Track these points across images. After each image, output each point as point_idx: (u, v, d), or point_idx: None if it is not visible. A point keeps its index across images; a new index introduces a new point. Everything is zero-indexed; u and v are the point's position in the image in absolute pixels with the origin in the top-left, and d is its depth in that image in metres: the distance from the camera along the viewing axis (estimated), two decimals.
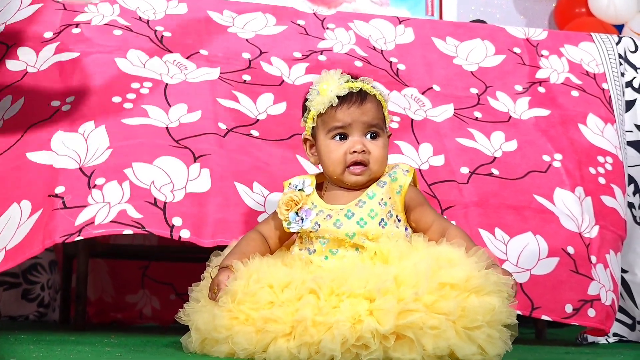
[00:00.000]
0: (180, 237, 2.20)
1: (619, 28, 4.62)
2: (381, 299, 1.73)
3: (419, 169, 2.49)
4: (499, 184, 2.55)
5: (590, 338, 2.57)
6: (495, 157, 2.61)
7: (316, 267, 1.90)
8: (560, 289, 2.41)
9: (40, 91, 2.41)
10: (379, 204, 1.95)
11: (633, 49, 2.93)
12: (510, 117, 2.72)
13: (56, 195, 2.20)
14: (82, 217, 2.16)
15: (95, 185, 2.22)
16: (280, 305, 1.77)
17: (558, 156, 2.65)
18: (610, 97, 2.82)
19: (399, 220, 1.97)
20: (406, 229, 1.98)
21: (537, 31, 2.96)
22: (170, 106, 2.43)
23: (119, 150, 2.29)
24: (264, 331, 1.76)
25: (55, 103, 2.38)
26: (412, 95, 2.70)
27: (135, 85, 2.45)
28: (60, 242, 2.14)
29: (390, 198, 1.96)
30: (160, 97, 2.45)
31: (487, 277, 1.81)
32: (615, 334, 2.67)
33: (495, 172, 2.57)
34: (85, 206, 2.17)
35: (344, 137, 1.97)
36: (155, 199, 2.22)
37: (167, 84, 2.48)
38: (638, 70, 2.90)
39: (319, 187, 2.02)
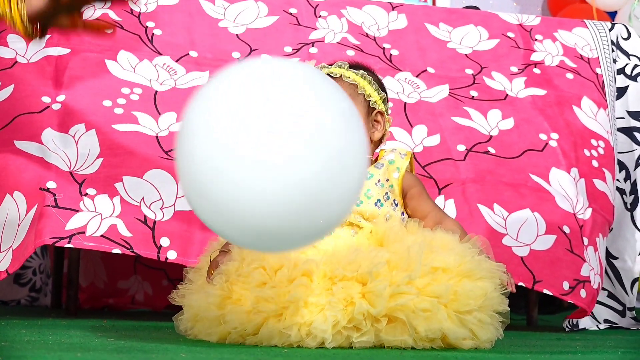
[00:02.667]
0: (167, 258, 2.23)
1: (612, 15, 4.61)
2: (373, 282, 1.74)
3: (412, 153, 2.49)
4: (495, 162, 2.55)
5: (581, 324, 2.57)
6: (491, 136, 2.61)
7: (309, 247, 1.90)
8: (558, 266, 2.43)
9: (30, 83, 2.41)
10: (376, 184, 1.95)
11: (626, 36, 2.92)
12: (507, 95, 2.71)
13: (47, 190, 2.21)
14: (73, 223, 2.19)
15: (87, 194, 2.24)
16: (273, 286, 1.77)
17: (554, 135, 2.65)
18: (603, 82, 2.82)
19: (396, 205, 1.97)
20: (402, 214, 1.98)
21: (530, 17, 2.95)
22: (160, 114, 2.43)
23: (109, 161, 2.30)
24: (256, 311, 1.76)
25: (46, 99, 2.38)
26: (405, 78, 2.69)
27: (125, 90, 2.45)
28: (50, 243, 2.15)
29: (387, 180, 1.97)
30: (150, 104, 2.45)
31: (479, 263, 1.82)
32: (606, 320, 2.67)
33: (492, 150, 2.58)
34: (77, 211, 2.20)
35: None
36: (145, 217, 2.25)
37: (156, 92, 2.47)
38: (630, 57, 2.89)
39: None
